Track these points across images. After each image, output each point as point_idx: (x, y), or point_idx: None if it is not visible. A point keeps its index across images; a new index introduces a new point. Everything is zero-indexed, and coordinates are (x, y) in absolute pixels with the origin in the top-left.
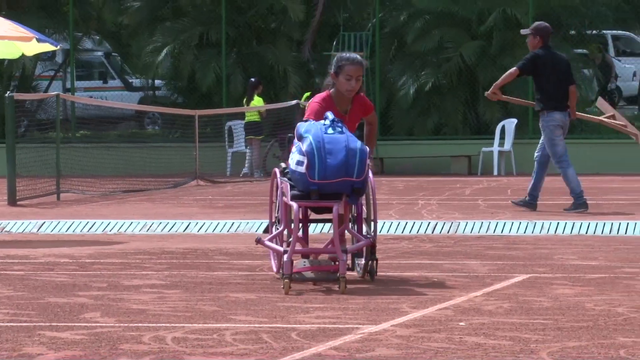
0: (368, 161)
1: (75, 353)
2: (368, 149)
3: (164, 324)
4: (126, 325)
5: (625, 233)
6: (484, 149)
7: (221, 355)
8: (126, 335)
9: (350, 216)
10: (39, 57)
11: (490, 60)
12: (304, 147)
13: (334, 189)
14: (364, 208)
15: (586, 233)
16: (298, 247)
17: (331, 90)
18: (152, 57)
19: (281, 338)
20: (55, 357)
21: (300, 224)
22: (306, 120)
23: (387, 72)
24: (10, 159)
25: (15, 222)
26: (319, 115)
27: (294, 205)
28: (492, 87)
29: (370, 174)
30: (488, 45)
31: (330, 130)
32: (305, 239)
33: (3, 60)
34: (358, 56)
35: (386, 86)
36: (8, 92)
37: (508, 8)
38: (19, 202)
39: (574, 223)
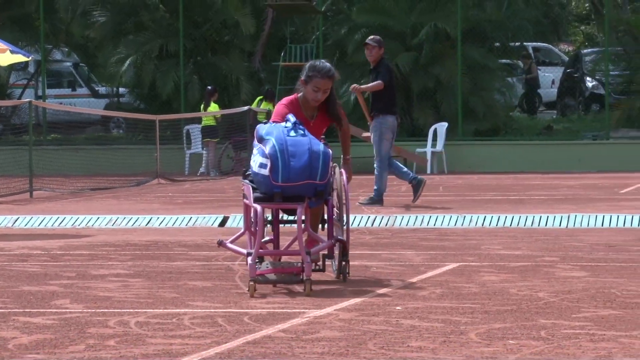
0: (343, 169)
1: (47, 336)
2: (331, 151)
3: (127, 310)
4: (93, 310)
5: (546, 225)
6: (418, 149)
7: (180, 337)
8: (93, 320)
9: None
10: (13, 67)
11: (422, 69)
12: (267, 149)
13: (297, 191)
14: (336, 210)
15: (510, 225)
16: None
17: (299, 95)
18: (117, 67)
19: (234, 322)
20: (28, 341)
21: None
22: (266, 123)
23: None
24: None
25: None
26: (283, 119)
27: (258, 207)
28: (361, 87)
29: (344, 177)
30: (420, 55)
31: (292, 133)
32: (276, 240)
33: None
34: (331, 68)
35: None
36: None
37: (438, 22)
38: None
39: (499, 216)
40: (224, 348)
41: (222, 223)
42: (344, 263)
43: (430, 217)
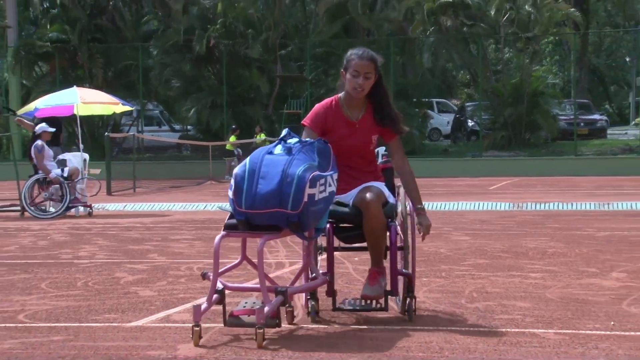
0: (413, 220)
1: (143, 276)
2: (312, 175)
3: (193, 260)
4: (171, 260)
5: (445, 209)
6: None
7: (225, 277)
8: (171, 266)
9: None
10: (124, 113)
11: None
12: (236, 169)
13: (265, 220)
14: (401, 236)
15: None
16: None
17: (340, 94)
18: (186, 113)
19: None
20: (132, 279)
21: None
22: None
23: None
24: (108, 169)
25: (111, 204)
26: (314, 122)
27: (217, 237)
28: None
29: (409, 203)
30: None
31: (277, 149)
32: (331, 271)
33: (103, 115)
34: (371, 51)
35: None
36: (106, 133)
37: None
38: (112, 193)
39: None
40: (253, 283)
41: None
42: (409, 300)
43: None
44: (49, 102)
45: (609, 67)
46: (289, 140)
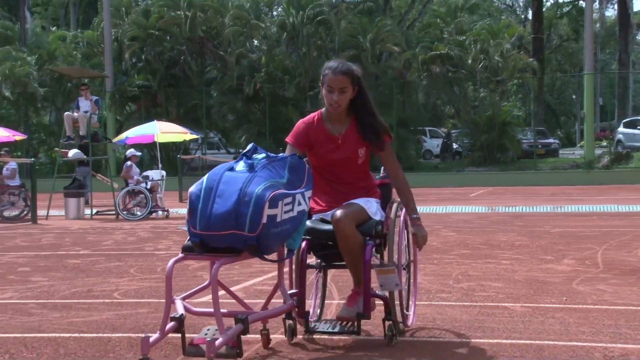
0: (410, 233)
1: (206, 264)
2: (272, 194)
3: None
4: None
5: (435, 211)
6: (377, 176)
7: (250, 270)
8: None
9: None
10: (192, 140)
11: None
12: (192, 187)
13: (221, 242)
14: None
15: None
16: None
17: (323, 108)
18: (238, 140)
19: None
20: (198, 266)
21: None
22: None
23: None
24: (179, 183)
25: (183, 209)
26: (297, 139)
27: (171, 260)
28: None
29: (402, 217)
30: None
31: (239, 166)
32: (301, 293)
33: (177, 142)
34: (345, 63)
35: None
36: (178, 155)
37: (382, 116)
38: (183, 200)
39: None
40: (268, 276)
41: None
42: (389, 322)
43: None
44: (136, 133)
45: (560, 103)
46: (255, 156)
